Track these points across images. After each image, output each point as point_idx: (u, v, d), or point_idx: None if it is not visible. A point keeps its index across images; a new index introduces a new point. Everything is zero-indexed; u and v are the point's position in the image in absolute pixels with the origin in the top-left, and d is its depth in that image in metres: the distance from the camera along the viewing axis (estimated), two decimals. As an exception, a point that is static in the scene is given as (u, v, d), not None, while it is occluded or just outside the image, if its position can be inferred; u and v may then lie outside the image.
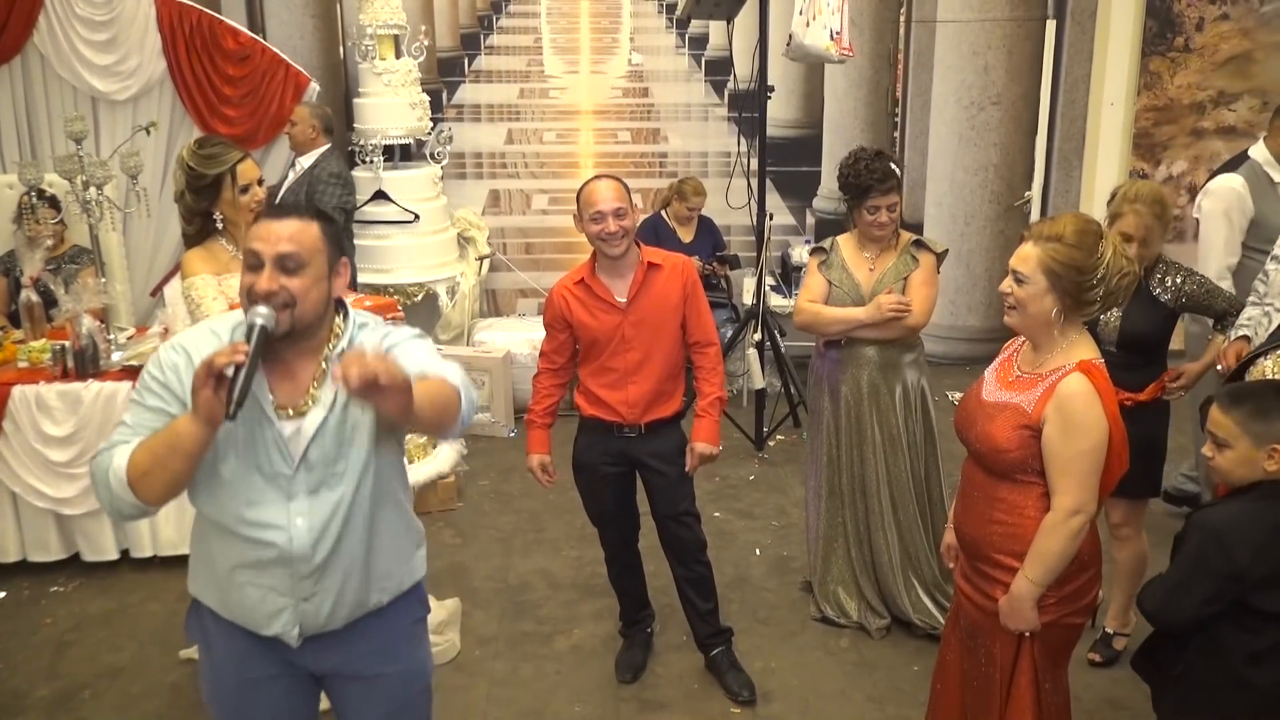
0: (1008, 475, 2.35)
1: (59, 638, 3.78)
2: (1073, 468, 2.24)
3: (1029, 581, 2.30)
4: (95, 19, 5.21)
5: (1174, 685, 2.36)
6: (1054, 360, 2.31)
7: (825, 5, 4.81)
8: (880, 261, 3.60)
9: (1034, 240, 2.28)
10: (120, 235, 5.15)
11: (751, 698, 3.39)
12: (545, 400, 3.39)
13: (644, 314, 3.20)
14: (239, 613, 2.06)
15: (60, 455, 4.01)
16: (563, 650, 3.70)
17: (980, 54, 6.41)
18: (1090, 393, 2.23)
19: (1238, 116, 6.54)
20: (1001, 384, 2.40)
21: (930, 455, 3.72)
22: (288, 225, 1.92)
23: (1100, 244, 2.25)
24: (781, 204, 6.59)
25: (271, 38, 5.99)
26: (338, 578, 2.03)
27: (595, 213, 3.10)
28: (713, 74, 6.55)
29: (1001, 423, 2.32)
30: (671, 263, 3.25)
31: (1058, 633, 2.38)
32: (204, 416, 1.82)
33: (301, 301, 1.91)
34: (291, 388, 1.99)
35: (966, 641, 2.53)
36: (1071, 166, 6.62)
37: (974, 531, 2.44)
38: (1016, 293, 2.31)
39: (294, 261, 1.90)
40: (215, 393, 1.79)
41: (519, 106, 6.57)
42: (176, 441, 1.86)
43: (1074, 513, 2.26)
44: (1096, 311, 2.31)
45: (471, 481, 5.04)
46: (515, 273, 6.64)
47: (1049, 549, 2.28)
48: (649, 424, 3.27)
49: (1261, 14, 6.37)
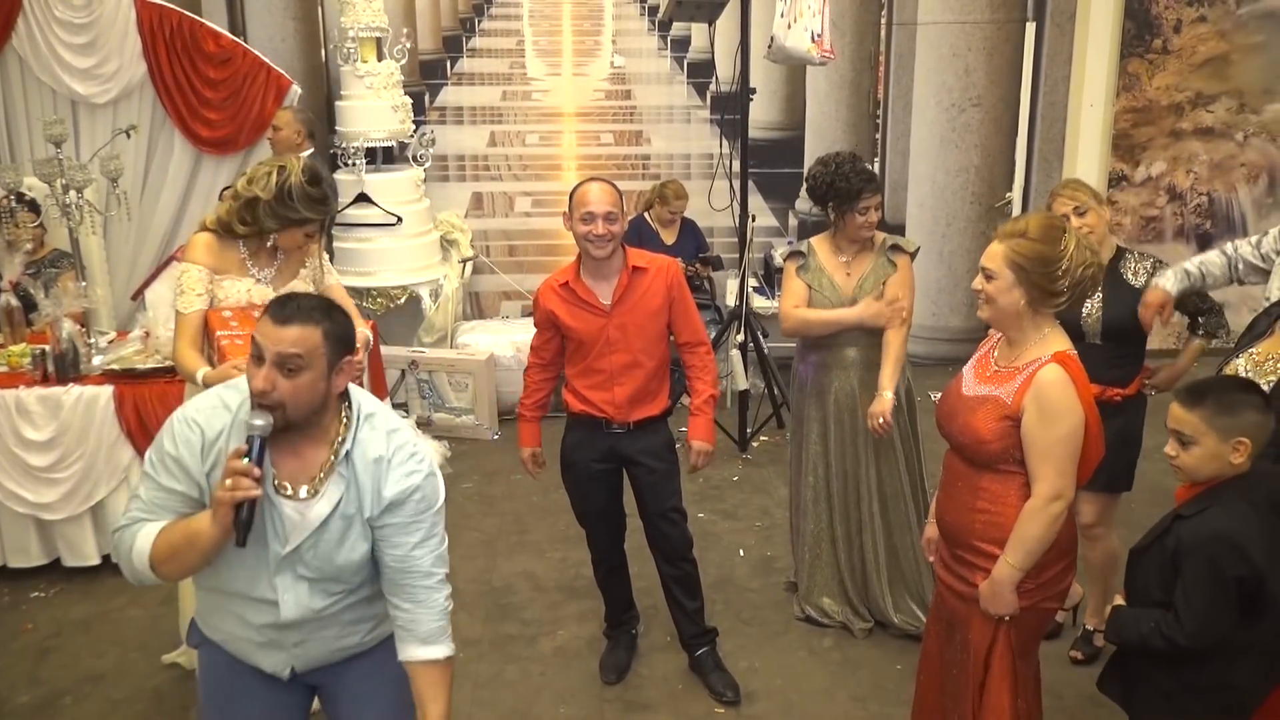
0: (990, 466, 2.42)
1: (40, 644, 3.75)
2: (1051, 454, 2.32)
3: (1010, 566, 2.37)
4: (75, 22, 5.19)
5: (1165, 699, 2.35)
6: (1030, 353, 2.39)
7: (806, 8, 4.83)
8: (857, 264, 3.60)
9: (1000, 238, 2.40)
10: (100, 239, 5.13)
11: (736, 698, 3.40)
12: (535, 394, 3.42)
13: (628, 317, 3.21)
14: (234, 650, 2.15)
15: (40, 460, 3.99)
16: (547, 652, 3.70)
17: (961, 56, 6.45)
18: (1066, 381, 2.31)
19: (1215, 118, 6.60)
20: (980, 378, 2.48)
21: (916, 454, 3.74)
22: (291, 332, 1.93)
23: (1063, 238, 2.34)
24: (764, 205, 6.61)
25: (253, 40, 5.97)
26: (325, 633, 2.12)
27: (586, 213, 3.11)
28: (695, 76, 6.56)
29: (983, 415, 2.40)
30: (656, 265, 3.26)
31: (1033, 618, 2.46)
32: (220, 527, 1.92)
33: (292, 402, 1.94)
34: (296, 467, 2.02)
35: (945, 630, 2.61)
36: (1052, 168, 6.66)
37: (956, 520, 2.51)
38: (986, 288, 2.41)
39: (294, 364, 1.93)
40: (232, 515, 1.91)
41: (501, 109, 6.57)
42: (195, 540, 1.95)
43: (1053, 498, 2.33)
44: (1065, 302, 2.38)
45: (455, 484, 5.03)
46: (498, 275, 6.64)
47: (1030, 534, 2.35)
48: (637, 422, 3.29)
49: (1238, 16, 6.43)
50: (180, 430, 2.01)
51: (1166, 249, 6.61)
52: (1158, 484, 3.54)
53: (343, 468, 2.02)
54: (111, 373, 4.06)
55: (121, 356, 4.15)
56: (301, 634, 2.09)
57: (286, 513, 2.00)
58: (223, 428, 1.99)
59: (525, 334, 5.97)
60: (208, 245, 3.01)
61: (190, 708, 3.37)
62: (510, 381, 5.76)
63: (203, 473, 1.98)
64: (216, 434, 1.99)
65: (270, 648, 2.11)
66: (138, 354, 4.15)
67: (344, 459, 2.01)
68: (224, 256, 3.02)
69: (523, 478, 5.11)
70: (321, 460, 2.02)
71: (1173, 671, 2.32)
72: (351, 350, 2.04)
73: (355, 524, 2.03)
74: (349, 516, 2.02)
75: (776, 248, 6.36)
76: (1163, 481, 3.94)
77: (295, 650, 2.11)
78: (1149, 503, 3.99)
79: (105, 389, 3.98)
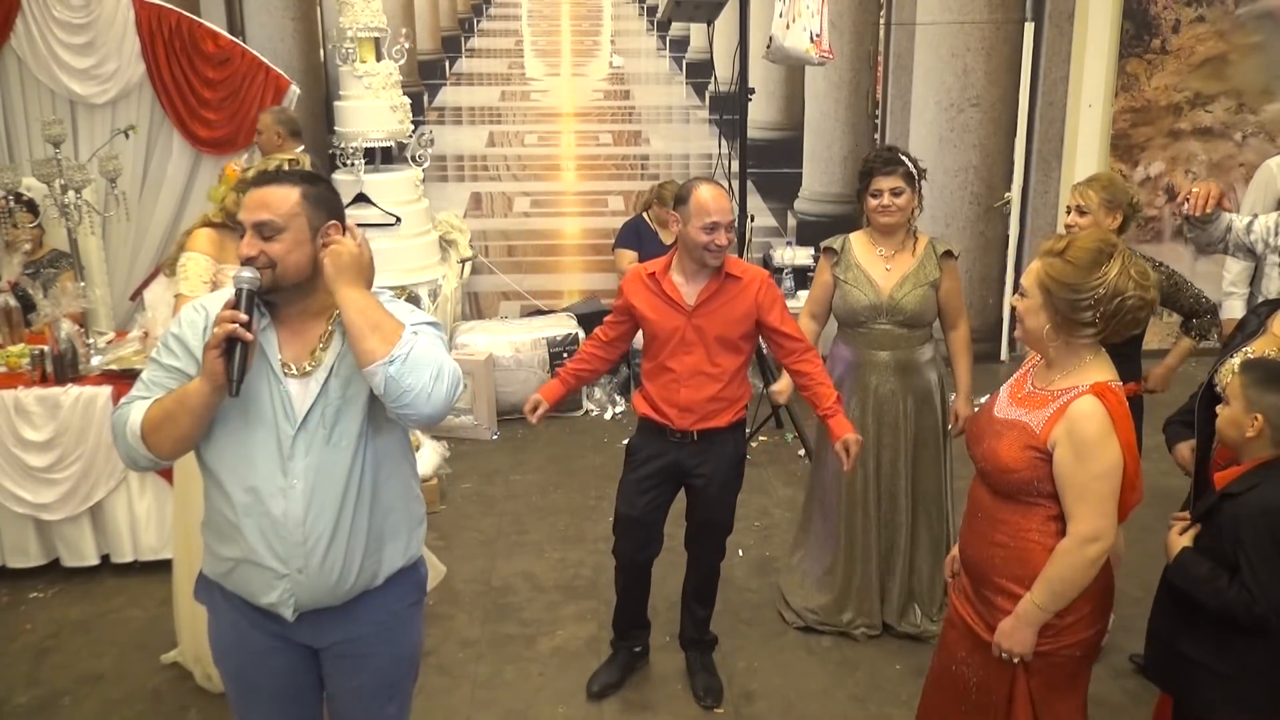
0: (1013, 496, 2.27)
1: (38, 644, 3.75)
2: (1088, 492, 2.15)
3: (1035, 606, 2.21)
4: (73, 22, 5.18)
5: (1222, 684, 2.34)
6: (1066, 380, 2.22)
7: (805, 8, 4.84)
8: (897, 261, 3.52)
9: (1040, 254, 2.25)
10: (99, 239, 5.12)
11: (714, 704, 3.38)
12: (579, 362, 3.38)
13: (708, 320, 3.14)
14: (237, 583, 2.12)
15: (39, 460, 3.99)
16: (545, 652, 3.70)
17: (959, 56, 6.45)
18: (1103, 415, 2.14)
19: (1214, 118, 6.61)
20: (1013, 400, 2.32)
21: (948, 456, 3.70)
22: (266, 193, 2.03)
23: (1105, 264, 2.14)
24: (763, 206, 6.61)
25: (251, 41, 5.97)
26: (329, 548, 2.07)
27: (711, 223, 3.05)
28: (694, 76, 6.56)
29: (1009, 441, 2.25)
30: (750, 275, 3.18)
31: (1055, 664, 2.29)
32: (210, 379, 1.95)
33: (281, 262, 2.01)
34: (299, 346, 2.08)
35: (964, 659, 2.42)
36: (1050, 167, 6.67)
37: (976, 553, 2.36)
38: (1018, 306, 2.27)
39: (269, 228, 2.00)
40: (221, 360, 1.92)
41: (500, 109, 6.57)
42: (185, 399, 1.99)
43: (1090, 540, 2.16)
44: (1098, 335, 2.20)
45: (454, 484, 5.04)
46: (497, 275, 6.64)
47: (1058, 575, 2.19)
48: (701, 432, 3.21)
49: (1237, 16, 6.44)
50: (187, 314, 2.11)
51: (1165, 249, 6.62)
52: (1158, 484, 3.53)
53: (340, 333, 2.07)
54: (110, 373, 4.05)
55: (120, 357, 4.15)
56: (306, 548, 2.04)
57: (293, 391, 2.05)
58: None
59: (524, 334, 6.03)
60: (209, 237, 3.20)
61: (189, 708, 3.37)
62: (509, 381, 5.77)
63: (202, 350, 2.01)
64: None
65: (273, 576, 2.06)
66: (136, 354, 4.15)
67: (340, 323, 2.06)
68: (225, 248, 3.15)
69: (521, 478, 5.14)
70: (320, 333, 2.09)
71: (1224, 654, 2.32)
72: (339, 217, 2.09)
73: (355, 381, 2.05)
74: (347, 376, 2.06)
75: (775, 248, 6.41)
76: (1162, 482, 3.95)
77: (299, 578, 2.06)
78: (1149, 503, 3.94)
79: (104, 389, 3.98)
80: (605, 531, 3.78)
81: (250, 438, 2.03)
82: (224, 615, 2.20)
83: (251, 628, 2.16)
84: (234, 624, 2.18)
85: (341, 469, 2.06)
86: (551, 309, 6.54)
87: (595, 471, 5.14)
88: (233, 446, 2.04)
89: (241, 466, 2.04)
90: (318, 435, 2.04)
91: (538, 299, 6.65)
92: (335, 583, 2.09)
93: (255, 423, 2.03)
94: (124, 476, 4.05)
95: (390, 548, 2.18)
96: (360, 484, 2.09)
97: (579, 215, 6.63)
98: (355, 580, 2.12)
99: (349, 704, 2.28)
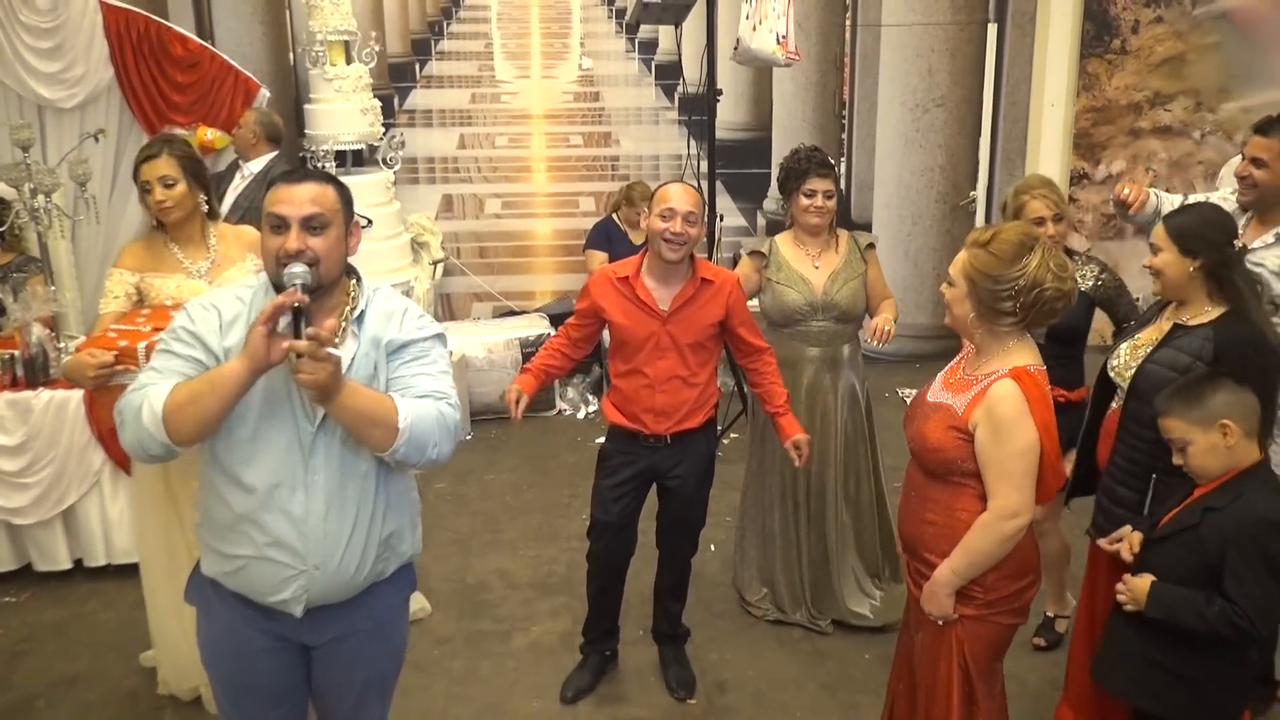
0: (941, 475, 2.39)
1: (11, 648, 3.75)
2: (1006, 470, 2.27)
3: (950, 571, 2.35)
4: (40, 26, 5.15)
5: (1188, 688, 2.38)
6: (991, 364, 2.34)
7: (771, 10, 4.90)
8: (825, 260, 3.63)
9: (966, 245, 2.36)
10: (69, 243, 5.09)
11: (688, 695, 3.44)
12: (549, 358, 3.34)
13: (683, 326, 3.14)
14: (245, 582, 2.12)
15: (11, 464, 3.98)
16: (520, 648, 3.74)
17: (924, 57, 6.55)
18: (1019, 397, 2.25)
19: (1173, 116, 6.73)
20: (945, 384, 2.45)
21: (874, 449, 3.81)
22: (309, 189, 2.04)
23: (1026, 257, 2.25)
24: (732, 205, 6.68)
25: (220, 44, 5.96)
26: (349, 543, 2.11)
27: (667, 209, 3.04)
28: (663, 78, 6.62)
29: (934, 423, 2.37)
30: (722, 278, 3.20)
31: (987, 631, 2.41)
32: (250, 354, 1.93)
33: (325, 260, 2.03)
34: None
35: (914, 625, 2.59)
36: (1015, 166, 6.77)
37: (910, 530, 2.50)
38: (946, 294, 2.39)
39: (318, 221, 2.03)
40: (269, 336, 1.91)
41: (471, 111, 6.60)
42: (217, 380, 1.97)
43: (1009, 516, 2.28)
44: (1018, 323, 2.31)
45: (428, 484, 5.05)
46: (469, 277, 6.66)
47: (975, 545, 2.32)
48: (675, 435, 3.23)
49: (1194, 17, 6.56)
50: (197, 311, 2.10)
51: (1127, 246, 6.74)
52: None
53: (354, 328, 2.10)
54: (81, 377, 4.05)
55: (91, 360, 4.13)
56: (326, 543, 2.07)
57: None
58: (239, 312, 2.08)
59: (497, 335, 6.05)
60: (130, 250, 3.12)
61: (164, 709, 3.38)
62: (483, 382, 5.80)
63: (221, 347, 2.04)
64: (233, 316, 2.08)
65: (288, 572, 2.07)
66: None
67: (355, 320, 2.10)
68: (152, 255, 3.09)
69: (495, 477, 5.16)
70: (333, 329, 2.09)
71: (1191, 657, 2.35)
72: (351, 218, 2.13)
73: (371, 377, 2.09)
74: (364, 371, 2.09)
75: (744, 247, 6.45)
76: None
77: (316, 573, 2.08)
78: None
79: (75, 393, 3.96)
80: (579, 529, 3.83)
81: (270, 435, 2.05)
82: (219, 616, 2.20)
83: (249, 628, 2.17)
84: (230, 624, 2.18)
85: (359, 465, 2.10)
86: (524, 310, 6.58)
87: (569, 470, 5.18)
88: (251, 444, 2.05)
89: (261, 464, 2.05)
90: (337, 433, 2.07)
91: (510, 300, 6.69)
92: (351, 577, 2.13)
93: (275, 421, 2.05)
94: (96, 480, 4.05)
95: (399, 541, 2.23)
96: (376, 480, 2.14)
97: (550, 216, 6.67)
98: (369, 574, 2.17)
99: (337, 699, 2.30)
